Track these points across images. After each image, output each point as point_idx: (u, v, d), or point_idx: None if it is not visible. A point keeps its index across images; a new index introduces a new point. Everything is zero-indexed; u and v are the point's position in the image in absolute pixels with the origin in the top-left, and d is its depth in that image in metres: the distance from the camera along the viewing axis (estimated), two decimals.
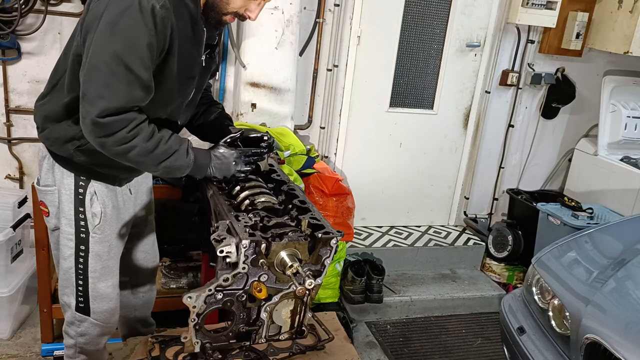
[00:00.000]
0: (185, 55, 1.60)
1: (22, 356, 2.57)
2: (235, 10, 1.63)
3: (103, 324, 1.85)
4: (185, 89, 1.69)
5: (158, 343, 1.80)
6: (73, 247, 1.76)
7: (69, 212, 1.73)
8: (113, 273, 1.85)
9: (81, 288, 1.80)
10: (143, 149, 1.53)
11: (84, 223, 1.74)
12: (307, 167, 3.02)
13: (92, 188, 1.73)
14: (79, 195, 1.72)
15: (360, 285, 3.22)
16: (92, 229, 1.75)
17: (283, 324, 1.61)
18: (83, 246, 1.76)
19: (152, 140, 1.54)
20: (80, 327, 1.84)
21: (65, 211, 1.74)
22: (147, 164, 1.60)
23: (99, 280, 1.81)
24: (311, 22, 3.28)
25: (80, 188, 1.72)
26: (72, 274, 1.78)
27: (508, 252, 3.73)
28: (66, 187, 1.72)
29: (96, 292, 1.81)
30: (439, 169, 3.90)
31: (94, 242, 1.76)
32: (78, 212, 1.73)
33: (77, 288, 1.80)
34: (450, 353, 3.05)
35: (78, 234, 1.75)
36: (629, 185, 3.57)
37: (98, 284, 1.81)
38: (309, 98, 3.44)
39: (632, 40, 3.44)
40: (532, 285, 2.28)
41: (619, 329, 1.84)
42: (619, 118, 3.84)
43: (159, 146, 1.56)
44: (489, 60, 3.70)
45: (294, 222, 1.60)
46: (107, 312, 1.85)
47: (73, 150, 1.66)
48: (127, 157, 1.54)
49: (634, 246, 2.22)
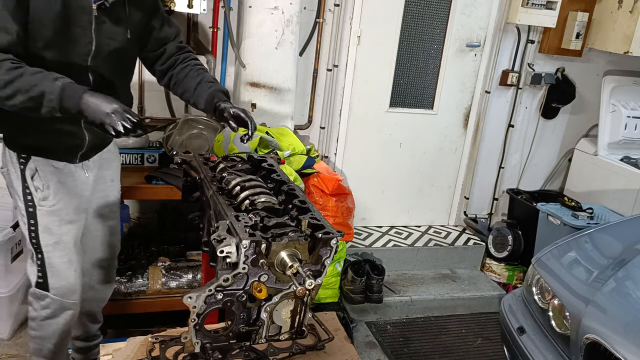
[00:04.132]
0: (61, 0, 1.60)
1: (22, 356, 2.58)
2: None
3: (62, 299, 1.93)
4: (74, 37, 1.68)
5: (158, 343, 1.80)
6: (26, 223, 1.86)
7: (18, 188, 1.84)
8: (69, 249, 1.92)
9: (39, 262, 1.89)
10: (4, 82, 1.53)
11: (30, 197, 1.84)
12: (307, 167, 3.02)
13: (32, 164, 1.83)
14: (23, 172, 1.83)
15: (360, 285, 3.22)
16: (37, 202, 1.84)
17: (283, 324, 1.61)
18: (32, 220, 1.85)
19: (15, 72, 1.54)
20: (42, 301, 1.93)
21: (15, 188, 1.85)
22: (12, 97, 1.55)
23: (54, 255, 1.88)
24: (311, 22, 3.28)
25: (21, 165, 1.83)
26: (31, 249, 1.88)
27: (508, 252, 3.73)
28: (14, 166, 1.84)
29: (52, 268, 1.89)
30: (439, 169, 3.90)
31: (41, 215, 1.85)
32: (25, 187, 1.84)
33: (36, 262, 1.89)
34: (450, 353, 3.05)
35: (27, 208, 1.85)
36: (629, 185, 3.58)
37: (53, 259, 1.89)
38: (309, 98, 3.44)
39: (632, 40, 3.44)
40: (532, 285, 2.28)
41: (619, 329, 1.84)
42: (619, 118, 3.85)
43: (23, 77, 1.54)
44: (489, 60, 3.70)
45: (294, 222, 1.60)
46: (64, 288, 1.93)
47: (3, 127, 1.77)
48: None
49: (634, 246, 2.22)
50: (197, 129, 2.94)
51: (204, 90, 1.91)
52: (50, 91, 1.55)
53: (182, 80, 1.95)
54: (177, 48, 1.99)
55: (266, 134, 2.83)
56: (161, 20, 1.95)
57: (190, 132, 2.89)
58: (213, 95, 1.89)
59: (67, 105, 1.57)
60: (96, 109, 1.56)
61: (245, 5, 2.94)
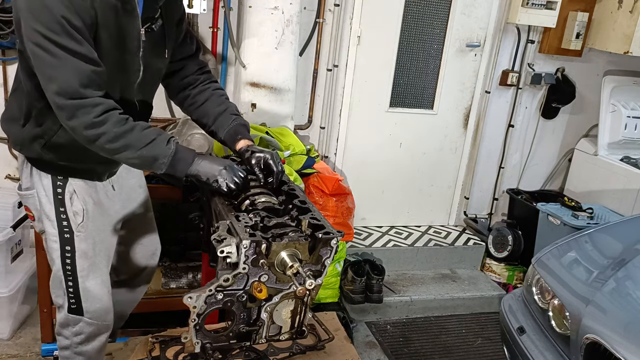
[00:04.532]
0: (115, 28, 1.54)
1: (22, 356, 2.58)
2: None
3: (97, 321, 1.83)
4: (124, 66, 1.62)
5: (158, 343, 1.80)
6: (59, 249, 1.74)
7: (50, 213, 1.71)
8: (101, 270, 1.83)
9: (71, 289, 1.78)
10: (114, 135, 1.50)
11: (67, 223, 1.72)
12: (307, 167, 3.02)
13: (70, 187, 1.71)
14: (58, 196, 1.70)
15: (360, 285, 3.22)
16: (75, 228, 1.73)
17: (283, 324, 1.61)
18: (69, 246, 1.74)
19: (125, 126, 1.51)
20: (75, 327, 1.82)
21: (47, 213, 1.72)
22: (120, 151, 1.54)
23: (87, 279, 1.78)
24: (311, 22, 3.28)
25: (59, 188, 1.70)
26: (61, 275, 1.76)
27: (508, 252, 3.73)
28: (45, 189, 1.70)
29: (86, 292, 1.79)
30: (439, 169, 3.90)
31: (79, 240, 1.74)
32: (59, 213, 1.71)
33: (67, 289, 1.77)
34: (450, 353, 3.05)
35: (62, 235, 1.73)
36: (629, 185, 3.58)
37: (87, 283, 1.78)
38: (309, 98, 3.44)
39: (632, 40, 3.44)
40: (532, 285, 2.28)
41: (619, 329, 1.84)
42: (619, 118, 3.85)
43: (134, 132, 1.52)
44: (489, 60, 3.70)
45: (295, 222, 1.60)
46: (100, 310, 1.83)
47: (40, 149, 1.64)
48: (99, 144, 1.51)
49: (634, 246, 2.22)
50: (197, 129, 2.93)
51: (226, 123, 1.83)
52: (163, 155, 1.55)
53: (202, 105, 1.87)
54: (197, 65, 1.90)
55: (266, 134, 2.83)
56: (184, 33, 1.85)
57: (190, 132, 2.89)
58: (237, 131, 1.81)
59: (175, 170, 1.59)
60: (208, 171, 1.61)
61: (245, 5, 2.94)
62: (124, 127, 1.51)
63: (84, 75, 1.45)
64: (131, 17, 1.57)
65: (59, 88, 1.44)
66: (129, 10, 1.55)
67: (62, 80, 1.44)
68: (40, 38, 1.41)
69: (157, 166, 1.57)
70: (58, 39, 1.41)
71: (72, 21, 1.42)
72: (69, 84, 1.44)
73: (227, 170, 1.62)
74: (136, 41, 1.61)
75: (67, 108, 1.46)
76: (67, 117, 1.48)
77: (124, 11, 1.54)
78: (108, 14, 1.50)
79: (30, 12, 1.41)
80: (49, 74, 1.44)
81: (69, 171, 1.70)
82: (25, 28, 1.43)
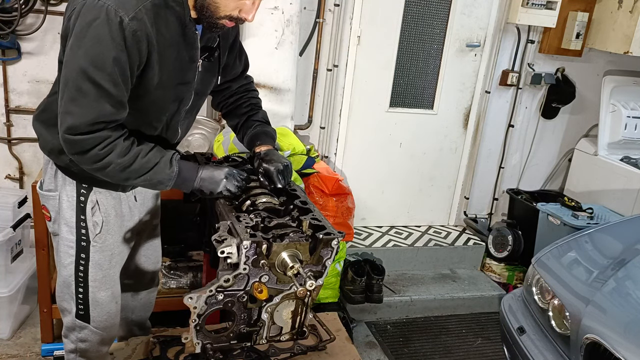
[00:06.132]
0: (173, 62, 1.53)
1: (22, 356, 2.58)
2: (228, 14, 1.53)
3: (103, 332, 1.82)
4: (179, 95, 1.63)
5: (159, 343, 1.80)
6: (73, 255, 1.72)
7: (70, 219, 1.69)
8: (114, 282, 1.81)
9: (81, 296, 1.76)
10: (119, 165, 1.49)
11: (85, 231, 1.70)
12: (307, 167, 3.02)
13: (94, 197, 1.69)
14: (80, 204, 1.68)
15: (360, 285, 3.22)
16: (92, 238, 1.71)
17: (284, 324, 1.61)
18: (84, 254, 1.71)
19: (129, 155, 1.50)
20: (80, 333, 1.81)
21: (67, 218, 1.70)
22: (126, 179, 1.55)
23: (100, 290, 1.77)
24: (311, 22, 3.28)
25: (82, 196, 1.68)
26: (71, 282, 1.74)
27: (508, 252, 3.73)
28: (68, 194, 1.68)
29: (96, 302, 1.77)
30: (439, 169, 3.90)
31: (94, 251, 1.72)
32: (79, 220, 1.69)
33: (77, 296, 1.76)
34: (450, 353, 3.06)
35: (79, 242, 1.71)
36: (629, 185, 3.58)
37: (98, 294, 1.77)
38: (309, 98, 3.44)
39: (632, 40, 3.44)
40: (532, 285, 2.28)
41: (619, 329, 1.85)
42: (619, 118, 3.85)
43: (137, 160, 1.52)
44: (489, 60, 3.70)
45: (295, 222, 1.60)
46: (107, 321, 1.81)
47: (69, 161, 1.61)
48: (105, 173, 1.52)
49: (634, 246, 2.22)
50: (197, 129, 2.94)
51: (249, 128, 1.86)
52: (167, 179, 1.58)
53: (233, 111, 1.92)
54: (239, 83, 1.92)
55: None
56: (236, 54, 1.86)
57: (190, 132, 2.89)
58: (257, 136, 1.84)
59: (180, 188, 1.64)
60: (211, 183, 1.63)
61: None
62: (128, 155, 1.50)
63: (102, 115, 1.44)
64: (192, 50, 1.57)
65: (72, 124, 1.43)
66: (190, 43, 1.56)
67: (78, 116, 1.42)
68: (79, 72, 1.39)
69: (162, 188, 1.61)
70: (96, 76, 1.39)
71: (120, 62, 1.40)
72: (83, 120, 1.42)
73: (228, 179, 1.64)
74: (192, 72, 1.62)
75: (72, 143, 1.45)
76: (71, 151, 1.48)
77: (185, 44, 1.54)
78: (168, 50, 1.50)
79: (80, 39, 1.39)
80: (68, 107, 1.43)
81: (93, 181, 1.68)
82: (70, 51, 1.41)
